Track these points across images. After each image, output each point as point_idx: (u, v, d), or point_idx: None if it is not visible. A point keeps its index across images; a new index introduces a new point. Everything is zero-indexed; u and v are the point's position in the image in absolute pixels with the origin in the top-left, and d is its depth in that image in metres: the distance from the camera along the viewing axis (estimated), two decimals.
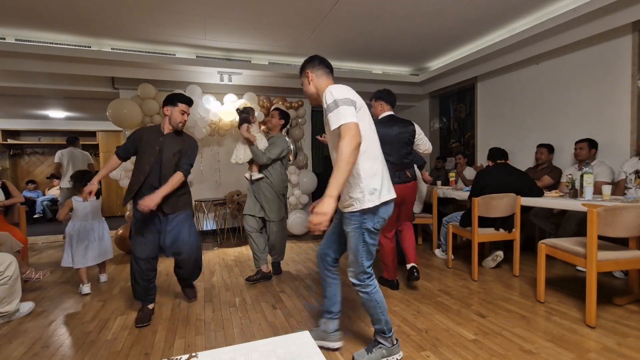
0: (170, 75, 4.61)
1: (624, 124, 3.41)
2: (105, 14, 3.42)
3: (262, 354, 0.94)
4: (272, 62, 4.88)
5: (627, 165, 3.11)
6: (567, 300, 2.50)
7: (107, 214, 7.88)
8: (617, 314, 2.26)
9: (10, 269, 2.35)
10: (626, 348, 1.85)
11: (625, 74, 3.38)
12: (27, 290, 2.92)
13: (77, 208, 2.89)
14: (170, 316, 2.42)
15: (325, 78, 1.80)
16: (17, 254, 2.83)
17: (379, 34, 4.07)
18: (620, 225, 2.12)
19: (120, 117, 4.19)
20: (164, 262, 3.88)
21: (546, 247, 2.47)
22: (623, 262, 2.17)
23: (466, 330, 2.10)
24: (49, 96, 5.33)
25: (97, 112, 6.54)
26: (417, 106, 6.75)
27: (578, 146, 3.48)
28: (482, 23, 3.88)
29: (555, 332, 2.04)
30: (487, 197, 2.98)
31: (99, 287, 3.07)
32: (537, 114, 4.32)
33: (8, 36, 3.78)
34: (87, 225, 2.92)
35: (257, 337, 2.10)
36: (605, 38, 3.51)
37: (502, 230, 3.07)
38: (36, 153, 8.21)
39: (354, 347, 1.94)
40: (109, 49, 4.17)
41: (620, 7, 3.09)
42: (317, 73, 1.80)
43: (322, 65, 1.81)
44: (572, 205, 2.66)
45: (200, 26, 3.76)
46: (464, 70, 5.01)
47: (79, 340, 2.10)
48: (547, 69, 4.17)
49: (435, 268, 3.40)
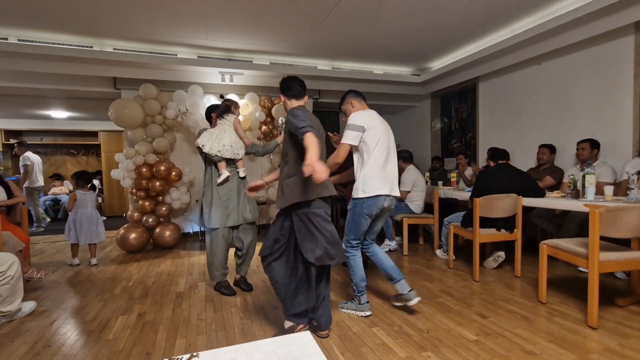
0: (171, 76, 4.62)
1: (627, 124, 3.39)
2: (106, 15, 3.43)
3: (263, 353, 0.94)
4: (274, 62, 4.88)
5: (629, 166, 3.10)
6: (568, 301, 2.50)
7: (109, 214, 7.91)
8: (619, 315, 2.25)
9: (12, 269, 2.36)
10: (628, 349, 1.85)
11: (628, 74, 3.37)
12: (28, 290, 2.93)
13: (80, 199, 3.77)
14: (172, 316, 2.42)
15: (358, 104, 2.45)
16: (19, 254, 2.84)
17: (381, 34, 4.06)
18: (622, 225, 2.11)
19: (122, 117, 4.20)
20: (165, 262, 3.89)
21: (548, 247, 2.46)
22: (625, 263, 2.17)
23: (467, 330, 2.10)
24: (51, 96, 5.34)
25: (99, 112, 6.56)
26: (418, 106, 6.74)
27: (580, 146, 3.47)
28: (483, 23, 3.87)
29: (556, 333, 2.04)
30: (489, 197, 2.97)
31: (99, 287, 3.08)
32: (538, 114, 4.31)
33: (10, 36, 3.79)
34: (87, 212, 3.78)
35: (258, 337, 2.10)
36: (608, 38, 3.50)
37: (504, 230, 3.07)
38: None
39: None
40: (110, 49, 4.18)
41: (622, 7, 3.08)
42: (357, 100, 2.45)
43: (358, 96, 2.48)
44: (574, 205, 2.65)
45: (202, 26, 3.76)
46: (466, 71, 5.00)
47: (81, 340, 2.11)
48: (549, 69, 4.16)
49: (437, 268, 3.39)
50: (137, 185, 4.40)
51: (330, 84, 5.36)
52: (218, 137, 2.74)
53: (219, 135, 2.75)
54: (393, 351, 1.89)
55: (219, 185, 2.75)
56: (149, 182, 4.40)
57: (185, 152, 5.12)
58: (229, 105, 2.85)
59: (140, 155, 4.30)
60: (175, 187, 4.67)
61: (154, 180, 4.40)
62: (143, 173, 4.31)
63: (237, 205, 2.78)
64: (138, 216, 4.43)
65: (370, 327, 2.18)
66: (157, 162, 4.38)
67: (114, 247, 4.59)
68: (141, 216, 4.45)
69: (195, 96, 4.55)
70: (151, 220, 4.43)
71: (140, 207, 4.43)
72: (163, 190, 4.50)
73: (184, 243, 4.84)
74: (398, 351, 1.89)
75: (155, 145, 4.38)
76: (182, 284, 3.10)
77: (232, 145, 2.75)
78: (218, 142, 2.71)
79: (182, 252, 4.36)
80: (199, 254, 4.24)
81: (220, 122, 2.84)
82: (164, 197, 4.60)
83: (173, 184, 4.63)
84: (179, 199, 4.62)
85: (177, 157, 5.02)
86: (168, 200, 4.61)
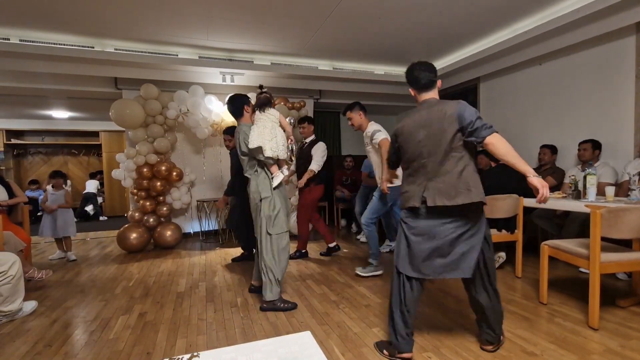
0: (172, 76, 4.63)
1: (628, 124, 3.39)
2: (108, 15, 3.44)
3: (264, 353, 0.94)
4: (275, 62, 4.88)
5: (630, 167, 3.09)
6: (569, 302, 2.49)
7: (110, 214, 7.93)
8: (621, 316, 2.25)
9: (14, 268, 2.36)
10: (629, 350, 1.84)
11: (629, 75, 3.36)
12: (30, 290, 2.93)
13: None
14: (172, 316, 2.43)
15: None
16: (20, 253, 2.85)
17: (382, 34, 4.06)
18: (623, 226, 2.10)
19: (123, 117, 4.21)
20: (165, 262, 3.89)
21: (549, 248, 2.46)
22: (626, 264, 2.16)
23: (468, 331, 2.09)
24: (52, 96, 5.36)
25: (100, 112, 6.57)
26: None
27: (582, 147, 3.46)
28: (484, 23, 3.87)
29: (557, 334, 2.03)
30: (490, 197, 2.96)
31: (100, 287, 3.08)
32: (540, 114, 4.31)
33: (12, 37, 3.80)
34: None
35: (258, 337, 2.10)
36: (609, 39, 3.50)
37: (505, 231, 3.06)
38: (40, 153, 8.26)
39: None
40: (112, 49, 4.19)
41: (624, 8, 3.08)
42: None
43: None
44: (575, 206, 2.64)
45: (203, 27, 3.77)
46: (467, 71, 5.00)
47: (81, 340, 2.11)
48: (550, 69, 4.15)
49: None
50: (138, 185, 4.41)
51: (331, 84, 5.36)
52: (271, 135, 2.39)
53: (271, 133, 2.40)
54: None
55: (275, 189, 2.46)
56: (150, 182, 4.41)
57: (186, 152, 5.12)
58: (269, 98, 2.53)
59: (141, 156, 4.31)
60: (176, 187, 4.68)
61: (155, 180, 4.40)
62: (144, 173, 4.32)
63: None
64: (139, 216, 4.44)
65: (371, 327, 2.18)
66: (158, 162, 4.38)
67: (115, 247, 4.60)
68: (142, 216, 4.45)
69: (196, 96, 4.56)
70: (152, 220, 4.44)
71: (141, 207, 4.44)
72: (164, 190, 4.51)
73: (185, 243, 4.85)
74: None
75: (156, 146, 4.39)
76: (182, 284, 3.10)
77: (284, 145, 2.48)
78: (276, 143, 2.39)
79: (182, 252, 4.36)
80: (200, 254, 4.24)
81: (260, 117, 2.47)
82: (165, 197, 4.61)
83: (174, 184, 4.64)
84: (179, 199, 4.63)
85: (178, 157, 5.03)
86: (169, 200, 4.61)
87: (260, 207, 2.44)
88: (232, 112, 2.62)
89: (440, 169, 1.70)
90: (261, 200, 2.44)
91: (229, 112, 2.65)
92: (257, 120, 2.47)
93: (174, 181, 4.57)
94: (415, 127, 1.76)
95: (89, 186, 7.77)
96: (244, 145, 2.44)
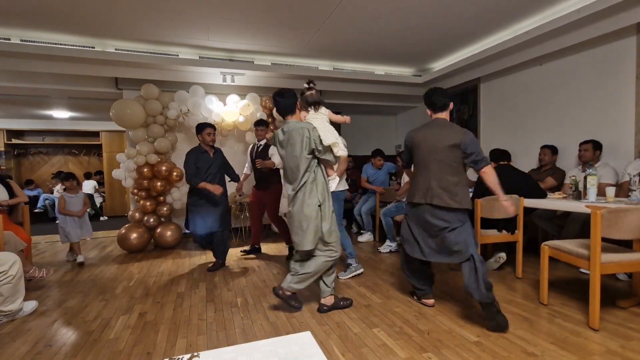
0: (173, 76, 4.63)
1: (629, 125, 3.39)
2: (108, 15, 3.44)
3: (264, 354, 0.94)
4: (275, 62, 4.88)
5: (631, 167, 3.09)
6: (570, 303, 2.49)
7: (110, 214, 7.93)
8: (621, 317, 2.25)
9: (14, 268, 2.36)
10: (630, 351, 1.84)
11: (630, 75, 3.36)
12: (30, 289, 2.93)
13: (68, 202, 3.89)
14: (172, 316, 2.43)
15: None
16: (20, 253, 2.86)
17: (382, 34, 4.06)
18: (624, 227, 2.10)
19: (124, 118, 4.22)
20: (166, 262, 3.89)
21: (549, 249, 2.45)
22: (627, 265, 2.16)
23: (468, 332, 2.09)
24: (52, 96, 5.36)
25: (101, 112, 6.58)
26: (419, 107, 6.73)
27: (582, 147, 3.46)
28: (485, 24, 3.87)
29: (558, 335, 2.03)
30: (490, 198, 2.96)
31: (100, 287, 3.08)
32: (540, 115, 4.31)
33: (13, 37, 3.80)
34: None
35: (258, 337, 2.10)
36: (610, 39, 3.49)
37: (505, 231, 3.06)
38: (40, 153, 8.27)
39: None
40: (112, 49, 4.19)
41: (624, 9, 3.08)
42: None
43: None
44: (576, 206, 2.64)
45: (204, 27, 3.77)
46: (467, 71, 5.00)
47: (82, 340, 2.11)
48: (551, 70, 4.15)
49: (437, 269, 3.38)
50: (139, 185, 4.41)
51: (331, 84, 5.36)
52: (333, 133, 2.28)
53: (331, 131, 2.29)
54: (394, 352, 1.88)
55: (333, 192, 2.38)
56: (150, 182, 4.41)
57: (186, 152, 5.11)
58: (319, 96, 2.43)
59: (142, 156, 4.31)
60: (176, 187, 4.68)
61: (155, 180, 4.41)
62: (144, 173, 4.32)
63: None
64: (139, 216, 4.44)
65: (371, 327, 2.18)
66: (159, 162, 4.39)
67: (115, 247, 4.60)
68: (142, 216, 4.46)
69: (196, 96, 4.57)
70: (152, 220, 4.44)
71: (142, 207, 4.44)
72: (164, 191, 4.51)
73: (185, 243, 4.85)
74: (399, 352, 1.88)
75: (157, 146, 4.39)
76: (183, 284, 3.10)
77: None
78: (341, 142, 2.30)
79: (183, 252, 4.37)
80: (200, 254, 4.24)
81: (315, 117, 2.37)
82: (165, 197, 4.61)
83: (174, 184, 4.64)
84: (180, 199, 4.63)
85: (178, 157, 5.01)
86: (169, 200, 4.61)
87: (321, 210, 2.32)
88: (283, 108, 2.37)
89: (440, 177, 2.20)
90: (320, 205, 2.31)
91: (278, 107, 2.38)
92: (313, 119, 2.33)
93: (174, 181, 4.57)
94: (426, 141, 2.26)
95: (86, 187, 7.69)
96: (313, 143, 2.23)
